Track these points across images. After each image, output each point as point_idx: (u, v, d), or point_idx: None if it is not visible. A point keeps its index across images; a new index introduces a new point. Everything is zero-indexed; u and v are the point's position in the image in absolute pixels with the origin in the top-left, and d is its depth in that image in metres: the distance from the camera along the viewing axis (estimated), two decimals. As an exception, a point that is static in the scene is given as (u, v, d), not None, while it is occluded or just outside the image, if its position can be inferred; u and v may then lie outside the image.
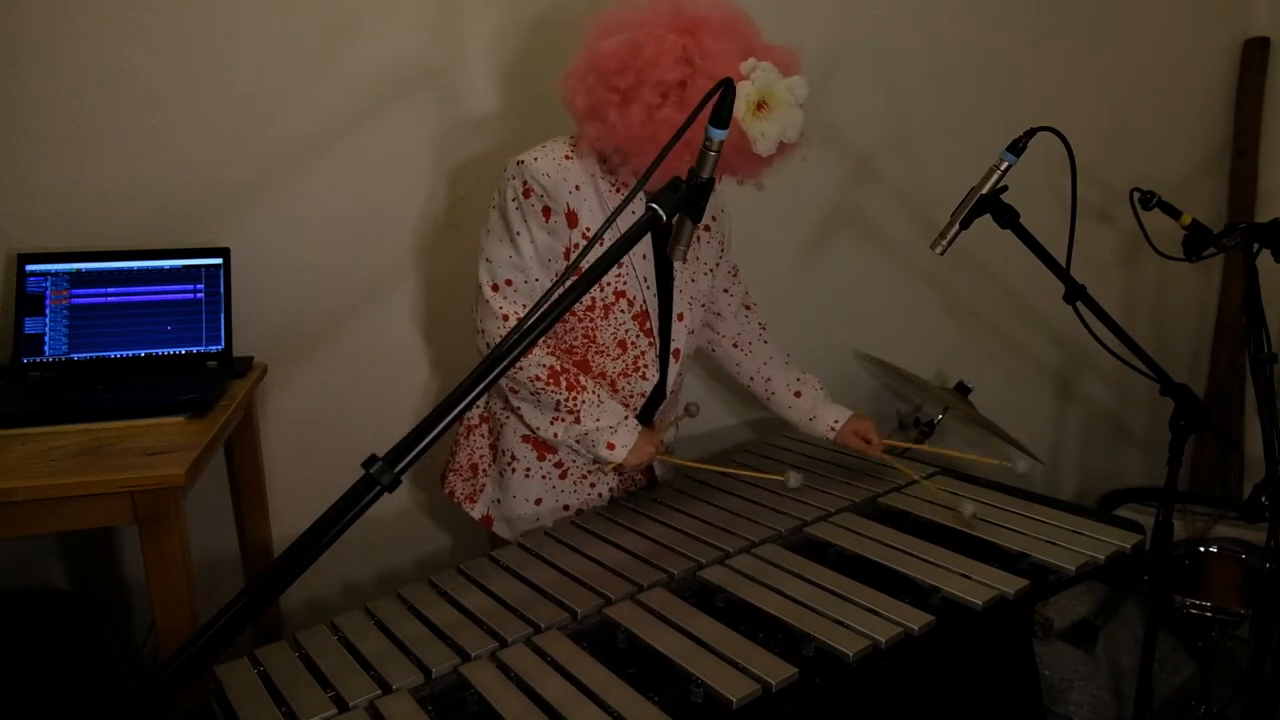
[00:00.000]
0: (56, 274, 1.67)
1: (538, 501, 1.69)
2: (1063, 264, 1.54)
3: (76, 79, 1.69)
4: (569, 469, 1.69)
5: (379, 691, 1.15)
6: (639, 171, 1.41)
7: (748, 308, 1.87)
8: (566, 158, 1.49)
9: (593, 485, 1.72)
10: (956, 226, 1.53)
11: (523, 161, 1.48)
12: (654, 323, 1.61)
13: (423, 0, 1.86)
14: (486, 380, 0.83)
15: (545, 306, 0.88)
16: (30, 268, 1.65)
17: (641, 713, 1.09)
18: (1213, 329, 2.95)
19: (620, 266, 1.54)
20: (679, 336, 1.67)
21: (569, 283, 0.91)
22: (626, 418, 1.58)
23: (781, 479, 1.59)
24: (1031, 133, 1.48)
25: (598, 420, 1.55)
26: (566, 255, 1.51)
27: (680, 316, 1.66)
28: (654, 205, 0.99)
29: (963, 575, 1.39)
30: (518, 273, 1.51)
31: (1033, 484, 2.51)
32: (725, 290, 1.81)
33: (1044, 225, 1.59)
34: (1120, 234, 2.76)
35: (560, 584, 1.41)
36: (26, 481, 1.27)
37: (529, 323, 0.87)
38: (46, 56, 1.67)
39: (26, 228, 1.72)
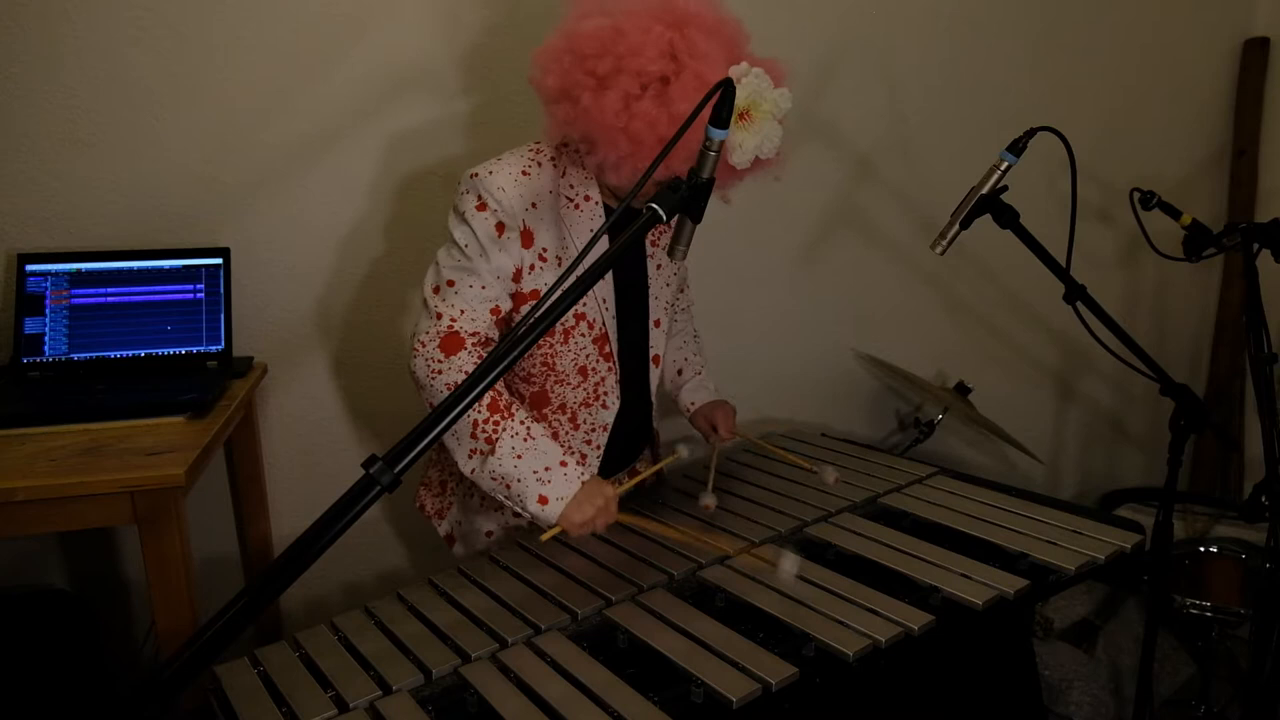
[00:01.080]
0: (56, 274, 1.67)
1: (488, 534, 1.64)
2: (1063, 264, 1.54)
3: (76, 79, 1.69)
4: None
5: (379, 692, 1.15)
6: (605, 164, 1.34)
7: (681, 290, 1.85)
8: (524, 173, 1.40)
9: (499, 509, 1.61)
10: (956, 226, 1.53)
11: (477, 175, 1.39)
12: (613, 346, 1.53)
13: (423, 0, 1.86)
14: (486, 381, 0.83)
15: (541, 310, 0.88)
16: (30, 268, 1.65)
17: (641, 713, 1.09)
18: (1213, 329, 2.95)
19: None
20: (657, 342, 1.63)
21: (562, 289, 0.91)
22: (564, 462, 1.35)
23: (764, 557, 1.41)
24: (1031, 133, 1.48)
25: (518, 458, 1.32)
26: (517, 276, 1.42)
27: (657, 323, 1.62)
28: (654, 205, 0.99)
29: (963, 575, 1.39)
30: (463, 274, 1.39)
31: (1033, 484, 2.51)
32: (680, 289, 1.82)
33: (1044, 225, 1.59)
34: (1120, 234, 2.76)
35: (560, 584, 1.41)
36: (26, 481, 1.27)
37: (523, 328, 0.87)
38: (46, 56, 1.67)
39: (26, 228, 1.72)
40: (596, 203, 1.47)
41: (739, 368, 2.34)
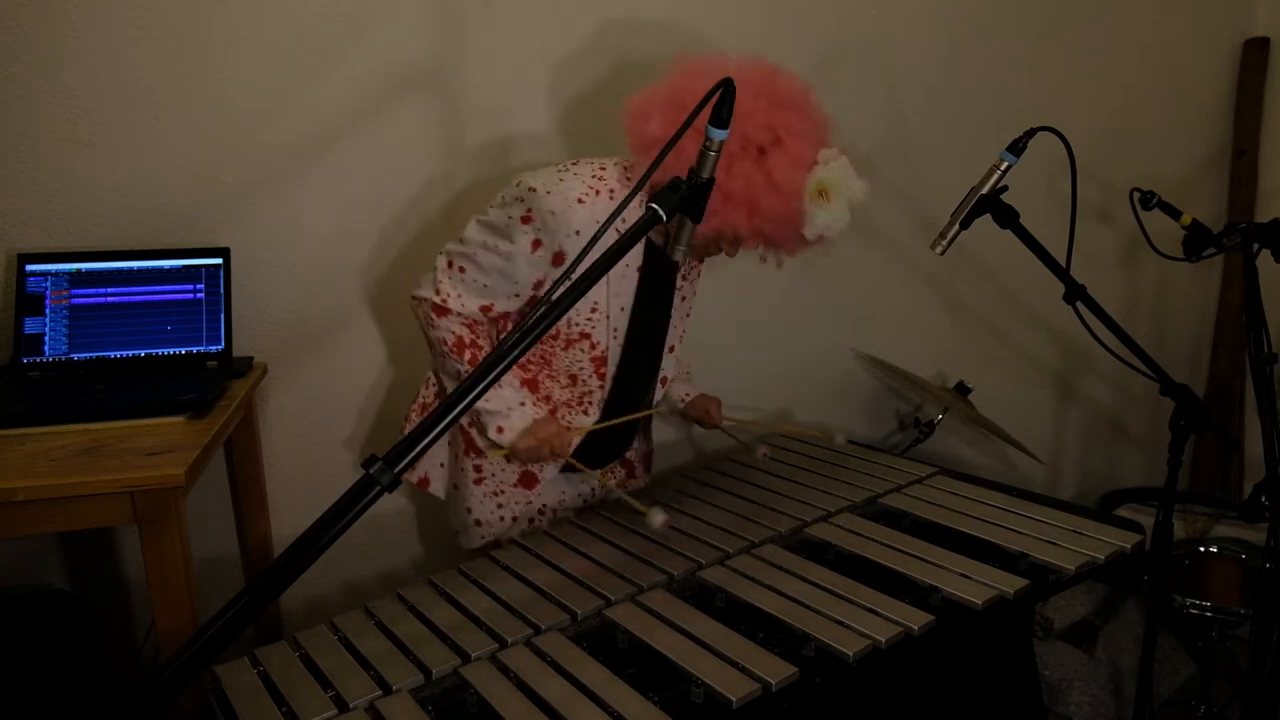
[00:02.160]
0: (56, 274, 1.67)
1: (456, 488, 1.70)
2: (1063, 264, 1.54)
3: (76, 79, 1.69)
4: (485, 478, 1.66)
5: (379, 692, 1.15)
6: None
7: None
8: (580, 200, 1.44)
9: (499, 505, 1.67)
10: (956, 226, 1.53)
11: (534, 190, 1.43)
12: (610, 369, 1.60)
13: (423, 0, 1.86)
14: (486, 381, 0.83)
15: (544, 309, 0.88)
16: (30, 268, 1.65)
17: (641, 713, 1.09)
18: (1213, 329, 2.95)
19: (594, 311, 1.54)
20: (668, 366, 1.73)
21: (564, 287, 0.91)
22: (523, 404, 1.56)
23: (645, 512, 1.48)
24: (1031, 133, 1.48)
25: (485, 400, 1.54)
26: (537, 286, 1.51)
27: (672, 349, 1.72)
28: (653, 205, 0.99)
29: (963, 575, 1.39)
30: (475, 267, 1.50)
31: (1033, 484, 2.51)
32: None
33: (1044, 225, 1.58)
34: (1120, 234, 2.76)
35: (560, 584, 1.41)
36: (26, 481, 1.27)
37: (530, 321, 0.87)
38: (46, 56, 1.67)
39: (26, 228, 1.72)
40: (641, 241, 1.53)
41: (739, 367, 2.34)
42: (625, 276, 1.53)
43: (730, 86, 1.00)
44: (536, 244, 1.45)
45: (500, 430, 1.54)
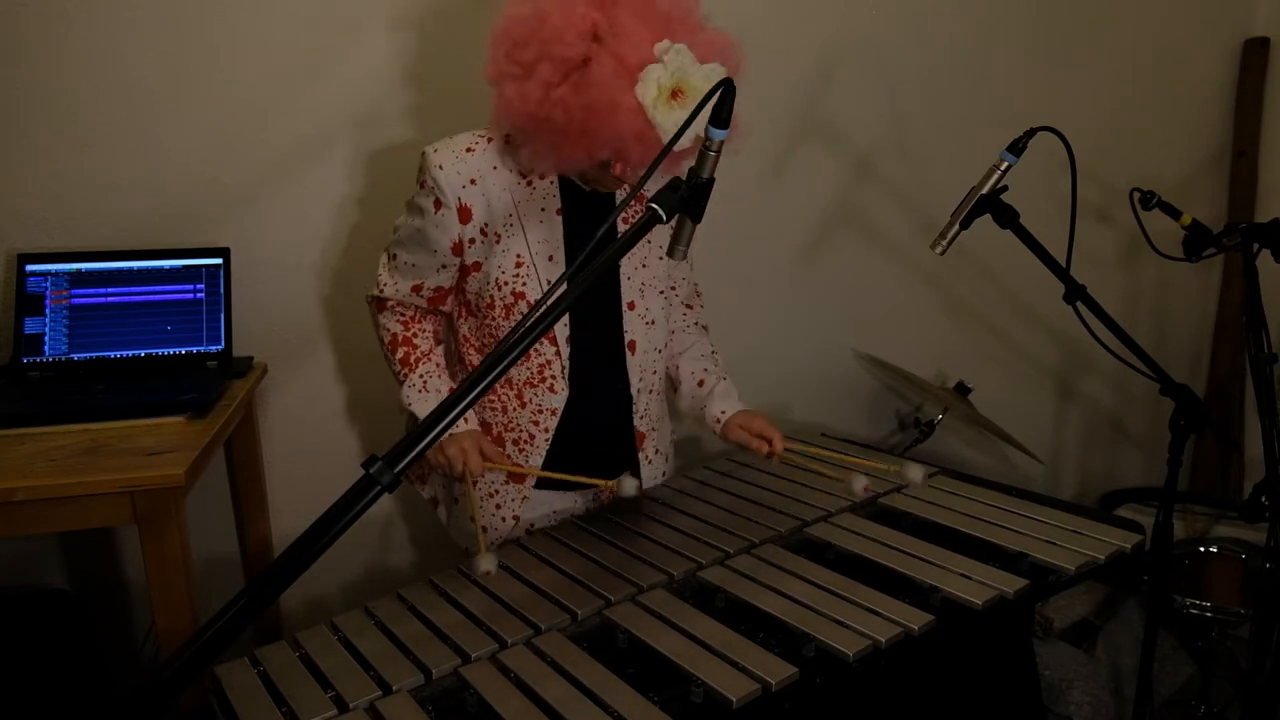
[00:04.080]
0: (56, 274, 1.67)
1: (456, 501, 1.68)
2: (1063, 264, 1.54)
3: (76, 79, 1.69)
4: (478, 480, 1.59)
5: (379, 692, 1.15)
6: (535, 153, 1.35)
7: (689, 306, 1.79)
8: (468, 150, 1.44)
9: (498, 506, 1.62)
10: (956, 226, 1.53)
11: (425, 154, 1.45)
12: (559, 330, 1.51)
13: (423, 1, 1.86)
14: (486, 380, 0.83)
15: (537, 316, 0.88)
16: (30, 268, 1.65)
17: (641, 713, 1.09)
18: (1213, 329, 2.95)
19: (519, 265, 1.47)
20: (634, 328, 1.57)
21: (558, 293, 0.91)
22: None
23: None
24: (1031, 133, 1.48)
25: (409, 403, 1.54)
26: (456, 249, 1.47)
27: (631, 305, 1.56)
28: (654, 205, 0.99)
29: (963, 575, 1.39)
30: (400, 249, 1.52)
31: (1033, 484, 2.51)
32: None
33: (1044, 225, 1.59)
34: (1120, 234, 2.76)
35: (560, 584, 1.41)
36: (26, 481, 1.27)
37: (521, 329, 0.87)
38: (46, 56, 1.67)
39: (26, 228, 1.72)
40: (552, 180, 1.48)
41: (739, 368, 2.32)
42: (544, 222, 1.47)
43: (730, 87, 1.00)
44: (438, 204, 1.44)
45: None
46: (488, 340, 1.56)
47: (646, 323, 1.60)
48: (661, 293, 1.62)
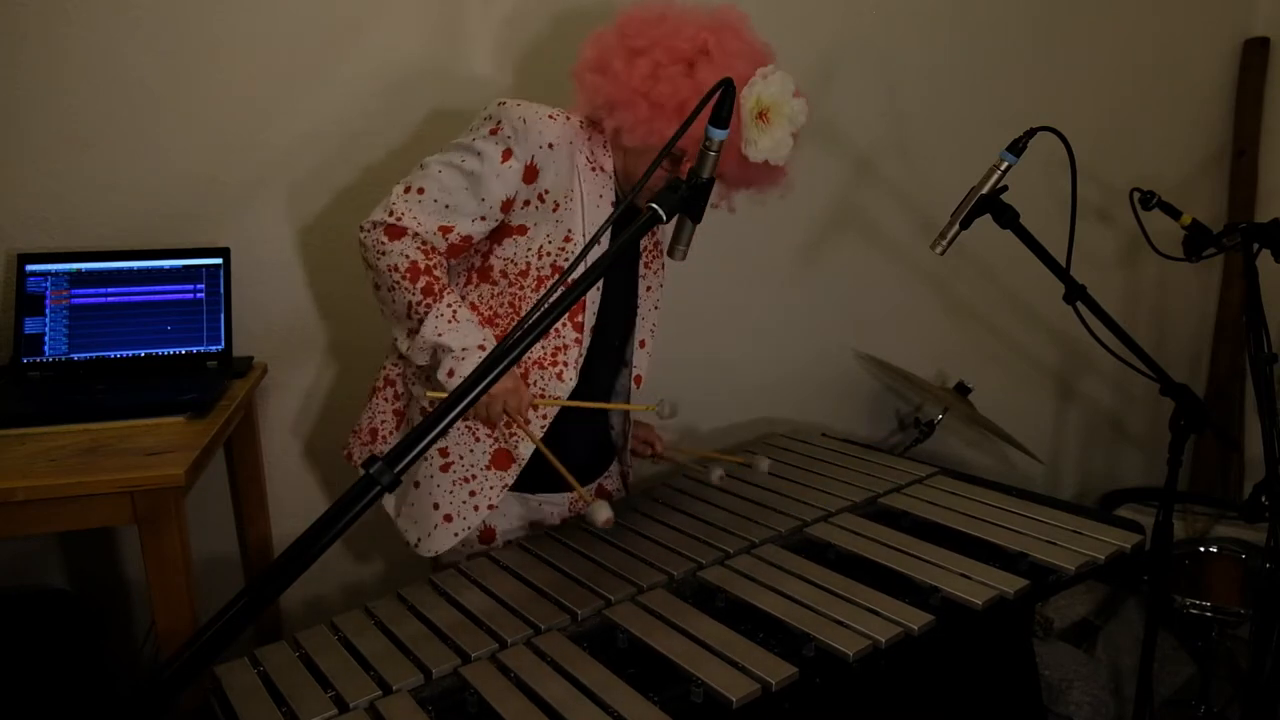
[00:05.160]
0: (56, 274, 1.67)
1: (416, 485, 1.56)
2: (1063, 264, 1.54)
3: (76, 79, 1.69)
4: (452, 462, 1.53)
5: (379, 692, 1.15)
6: (623, 127, 1.39)
7: None
8: (551, 117, 1.44)
9: (472, 494, 1.52)
10: (956, 226, 1.53)
11: (504, 103, 1.43)
12: (586, 317, 1.50)
13: (422, 0, 1.86)
14: (487, 380, 0.83)
15: (540, 312, 0.88)
16: (30, 268, 1.65)
17: (641, 713, 1.09)
18: (1213, 329, 2.95)
19: (568, 241, 1.46)
20: (640, 363, 1.67)
21: (560, 290, 0.91)
22: (482, 346, 1.41)
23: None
24: (1031, 133, 1.48)
25: (439, 335, 1.40)
26: (506, 205, 1.45)
27: (643, 343, 1.67)
28: (654, 205, 0.99)
29: (963, 575, 1.39)
30: (436, 187, 1.43)
31: (1033, 484, 2.51)
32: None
33: (1044, 225, 1.59)
34: (1120, 234, 2.76)
35: (560, 584, 1.41)
36: (26, 481, 1.27)
37: (530, 320, 0.87)
38: (46, 56, 1.67)
39: (26, 228, 1.72)
40: (610, 175, 1.51)
41: (739, 368, 2.34)
42: (600, 208, 1.49)
43: (730, 87, 1.00)
44: (507, 154, 1.41)
45: (450, 374, 1.40)
46: (503, 310, 1.49)
47: (650, 356, 1.69)
48: (654, 333, 1.71)
